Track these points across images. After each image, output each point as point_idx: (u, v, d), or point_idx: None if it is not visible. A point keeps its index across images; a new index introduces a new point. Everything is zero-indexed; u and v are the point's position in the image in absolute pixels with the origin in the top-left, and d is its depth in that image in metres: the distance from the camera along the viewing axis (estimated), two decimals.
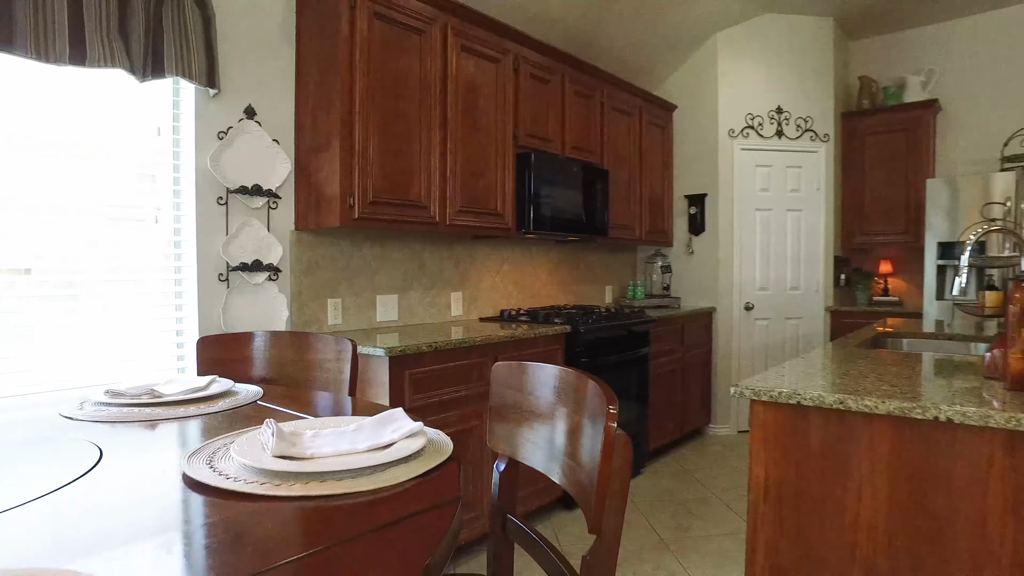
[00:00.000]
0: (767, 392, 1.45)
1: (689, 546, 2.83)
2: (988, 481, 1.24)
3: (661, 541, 2.88)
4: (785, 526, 1.47)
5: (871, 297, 4.94)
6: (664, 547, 2.82)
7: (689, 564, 2.65)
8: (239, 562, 0.68)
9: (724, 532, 2.98)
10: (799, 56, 4.80)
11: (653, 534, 2.94)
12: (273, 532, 0.75)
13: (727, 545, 2.83)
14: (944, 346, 2.67)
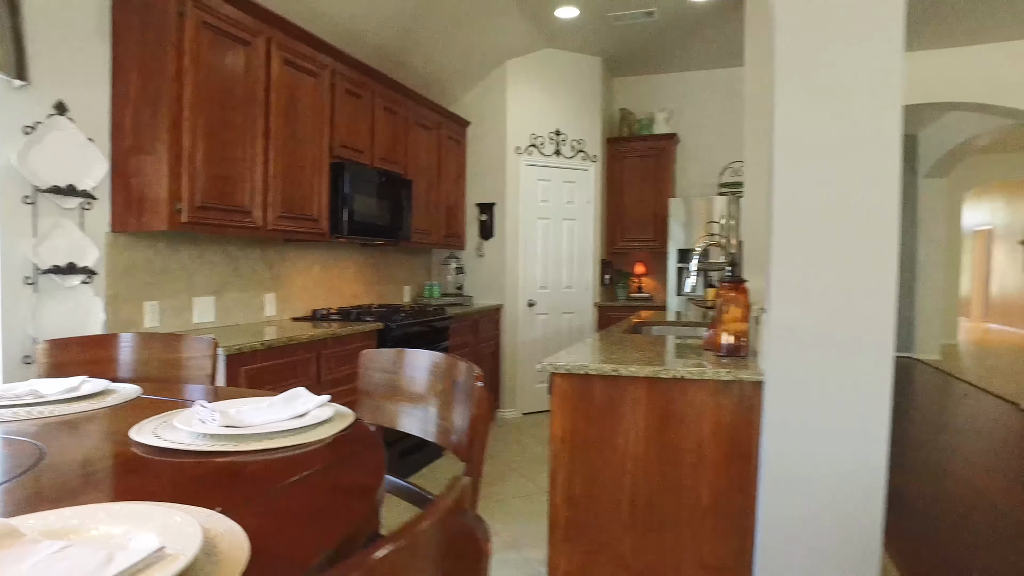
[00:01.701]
0: (564, 367, 1.95)
1: (489, 509, 3.31)
2: (704, 416, 1.85)
3: None
4: (576, 464, 1.98)
5: (629, 293, 5.91)
6: None
7: (494, 523, 3.13)
8: (241, 487, 0.94)
9: (518, 496, 3.51)
10: (574, 87, 5.59)
11: None
12: (257, 472, 1.01)
13: (520, 506, 3.36)
14: (680, 330, 3.48)
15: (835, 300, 1.74)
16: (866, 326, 1.72)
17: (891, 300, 1.70)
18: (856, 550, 1.75)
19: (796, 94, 1.77)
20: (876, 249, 1.72)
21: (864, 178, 1.71)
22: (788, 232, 1.77)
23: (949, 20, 4.99)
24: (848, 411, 1.74)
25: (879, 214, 1.71)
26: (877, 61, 1.71)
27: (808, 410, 1.76)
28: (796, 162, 1.77)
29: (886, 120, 1.69)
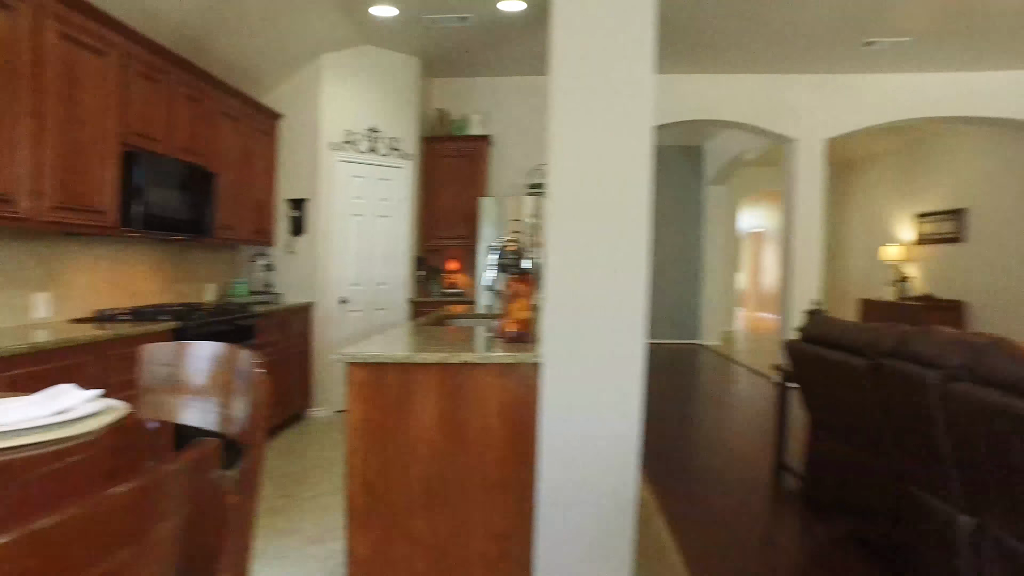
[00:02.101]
0: (359, 356, 2.02)
1: (297, 507, 3.28)
2: (490, 397, 2.03)
3: (272, 508, 3.25)
4: (372, 451, 2.06)
5: (442, 289, 6.08)
6: (275, 512, 3.21)
7: (300, 520, 3.11)
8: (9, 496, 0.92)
9: (326, 492, 3.50)
10: (392, 85, 5.63)
11: (263, 504, 3.29)
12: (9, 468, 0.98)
13: (329, 501, 3.36)
14: (483, 322, 3.69)
15: (597, 290, 1.99)
16: (622, 314, 1.99)
17: (643, 291, 1.99)
18: (616, 507, 2.02)
19: (568, 105, 2.01)
20: (631, 246, 2.00)
21: (621, 182, 1.99)
22: (560, 229, 2.00)
23: (728, 51, 5.73)
24: (609, 388, 2.00)
25: (633, 214, 1.99)
26: (632, 81, 1.99)
27: (577, 388, 2.00)
28: (566, 166, 2.00)
29: (639, 130, 1.98)
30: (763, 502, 3.43)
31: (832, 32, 5.33)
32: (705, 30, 5.29)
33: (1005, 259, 7.51)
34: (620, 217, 1.99)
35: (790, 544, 2.95)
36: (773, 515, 3.27)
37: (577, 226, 2.00)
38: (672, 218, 9.95)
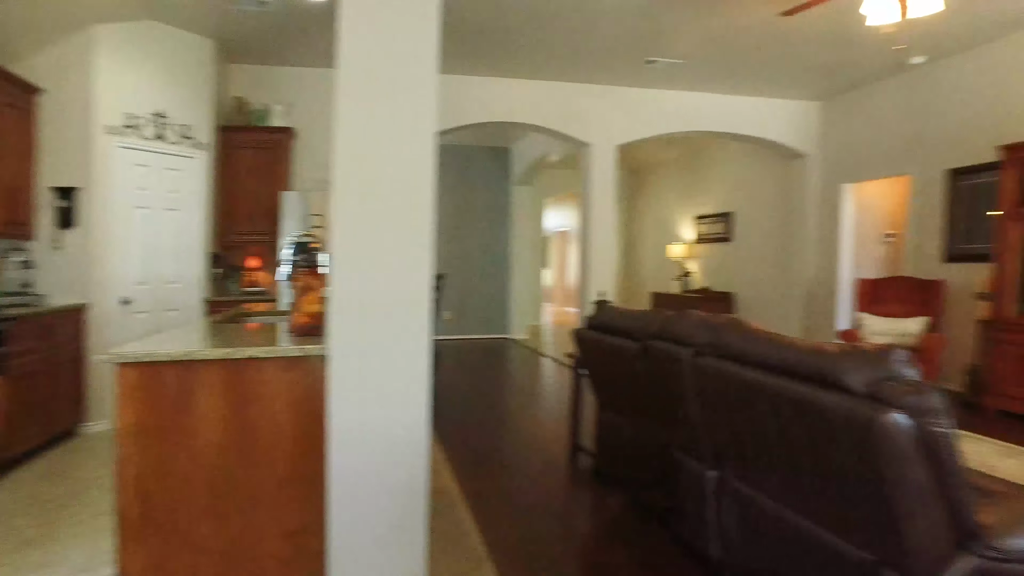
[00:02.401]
0: (130, 356, 1.86)
1: (61, 534, 2.90)
2: (279, 392, 1.97)
3: (25, 540, 2.83)
4: (148, 457, 1.91)
5: (242, 287, 5.74)
6: (28, 544, 2.79)
7: (64, 549, 2.75)
8: None
9: (98, 513, 3.13)
10: (182, 68, 5.18)
11: (15, 537, 2.87)
12: None
13: (103, 523, 3.02)
14: (286, 319, 3.55)
15: (382, 284, 2.02)
16: (407, 308, 2.04)
17: (427, 286, 2.06)
18: (409, 495, 2.06)
19: (352, 101, 2.01)
20: (415, 242, 2.05)
21: (405, 180, 2.04)
22: (345, 224, 2.00)
23: (530, 58, 6.02)
24: (396, 380, 2.04)
25: (417, 211, 2.05)
26: (417, 80, 2.04)
27: (365, 380, 2.02)
28: (350, 162, 2.01)
29: (423, 130, 2.05)
30: (560, 481, 3.68)
31: (619, 49, 5.83)
32: (509, 37, 5.53)
33: (761, 255, 8.72)
34: (404, 213, 2.04)
35: (583, 517, 3.20)
36: (569, 493, 3.52)
37: (361, 221, 2.01)
38: (481, 217, 10.25)
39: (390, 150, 2.01)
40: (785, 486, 1.92)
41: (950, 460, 1.47)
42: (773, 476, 1.96)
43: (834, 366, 1.59)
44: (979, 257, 5.75)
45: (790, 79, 6.75)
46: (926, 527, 1.53)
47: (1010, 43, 5.58)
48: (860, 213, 7.52)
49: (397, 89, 2.02)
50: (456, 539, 2.83)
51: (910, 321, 5.87)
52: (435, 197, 2.02)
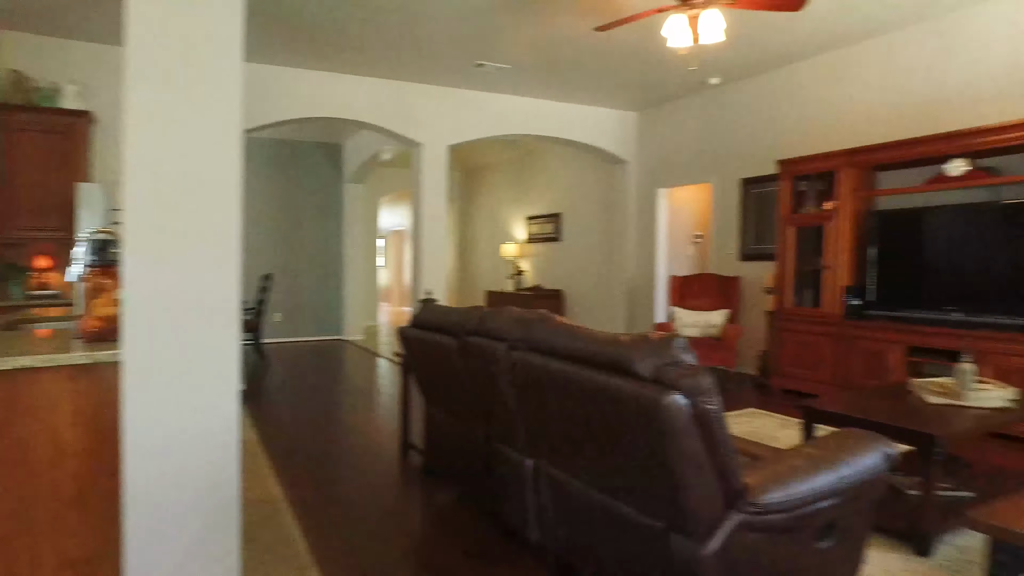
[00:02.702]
0: None
1: None
2: (61, 404, 1.79)
3: None
4: None
5: (28, 291, 5.08)
6: None
7: None
8: None
9: None
10: None
11: None
12: None
13: None
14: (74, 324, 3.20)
15: (183, 284, 1.91)
16: (212, 309, 1.94)
17: (234, 286, 1.97)
18: (219, 507, 1.96)
19: (146, 85, 1.87)
20: (219, 240, 1.95)
21: (206, 173, 1.93)
22: (138, 220, 1.86)
23: (362, 53, 5.89)
24: (201, 386, 1.93)
25: (221, 207, 1.95)
26: (219, 66, 1.94)
27: (165, 387, 1.89)
28: (144, 151, 1.87)
29: (226, 120, 1.95)
30: (391, 481, 3.66)
31: (449, 50, 5.91)
32: (340, 31, 5.39)
33: (588, 254, 9.25)
34: (206, 210, 1.93)
35: (413, 514, 3.21)
36: (400, 491, 3.52)
37: (156, 217, 1.88)
38: (313, 215, 9.89)
39: (188, 140, 1.89)
40: (590, 468, 2.08)
41: (719, 433, 1.68)
42: (579, 459, 2.11)
43: (625, 355, 1.75)
44: (767, 256, 6.53)
45: (609, 90, 7.23)
46: (702, 492, 1.73)
47: (781, 74, 6.42)
48: (673, 216, 8.24)
49: (196, 74, 1.90)
50: (280, 549, 2.73)
51: (714, 314, 6.53)
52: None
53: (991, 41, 4.84)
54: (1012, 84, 4.73)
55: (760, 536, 1.86)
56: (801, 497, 1.86)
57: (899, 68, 5.43)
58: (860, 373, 5.21)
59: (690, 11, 3.87)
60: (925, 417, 2.92)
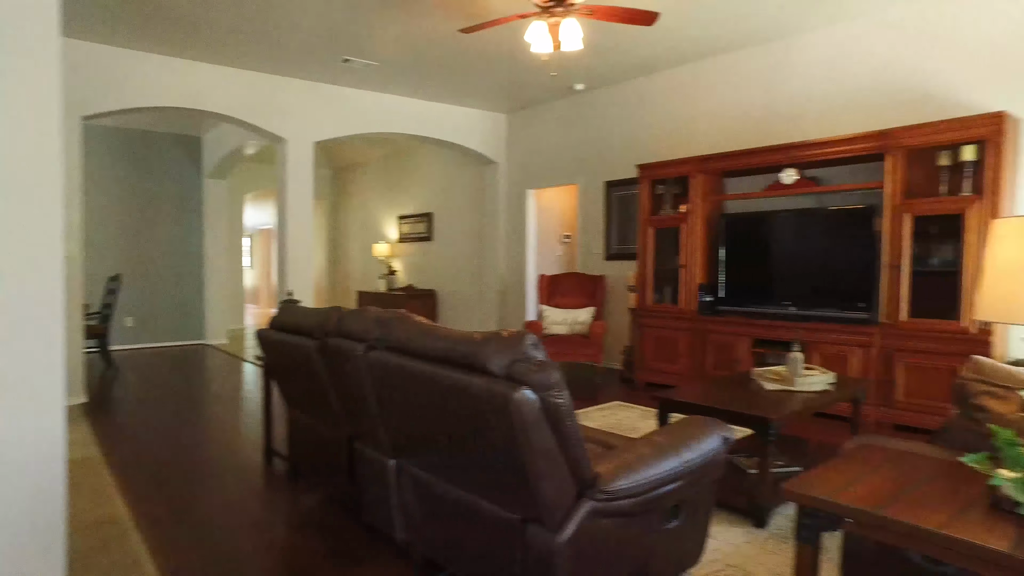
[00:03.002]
0: None
1: None
2: None
3: None
4: None
5: None
6: None
7: None
8: None
9: None
10: None
11: None
12: None
13: None
14: None
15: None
16: (28, 314, 1.77)
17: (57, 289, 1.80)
18: (40, 530, 1.79)
19: None
20: (38, 237, 1.78)
21: (20, 167, 1.76)
22: None
23: (222, 41, 5.55)
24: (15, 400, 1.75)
25: (39, 203, 1.78)
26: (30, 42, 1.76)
27: None
28: None
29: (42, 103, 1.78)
30: (254, 489, 3.50)
31: (316, 44, 5.72)
32: (194, 15, 5.05)
33: (460, 254, 9.30)
34: (17, 204, 1.76)
35: (278, 522, 3.08)
36: (263, 499, 3.37)
37: None
38: (169, 212, 9.22)
39: None
40: (450, 465, 2.10)
41: (569, 425, 1.75)
42: (440, 457, 2.13)
43: (479, 352, 1.79)
44: (630, 256, 6.87)
45: (479, 91, 7.31)
46: (555, 483, 1.80)
47: (641, 84, 6.79)
48: (543, 216, 8.46)
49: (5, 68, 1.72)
50: (127, 572, 2.54)
51: (582, 311, 6.77)
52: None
53: (815, 67, 5.39)
54: (831, 106, 5.29)
55: (612, 521, 1.96)
56: (648, 482, 1.99)
57: (741, 84, 5.91)
58: (713, 365, 5.62)
59: (550, 19, 3.99)
60: (762, 402, 3.19)
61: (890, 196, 4.60)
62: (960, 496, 1.55)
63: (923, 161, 4.59)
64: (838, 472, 1.75)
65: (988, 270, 1.75)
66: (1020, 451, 1.36)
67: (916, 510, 1.47)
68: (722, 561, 2.64)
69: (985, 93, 4.54)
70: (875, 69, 5.06)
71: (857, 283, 4.86)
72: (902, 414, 4.52)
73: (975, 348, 4.13)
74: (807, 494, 1.58)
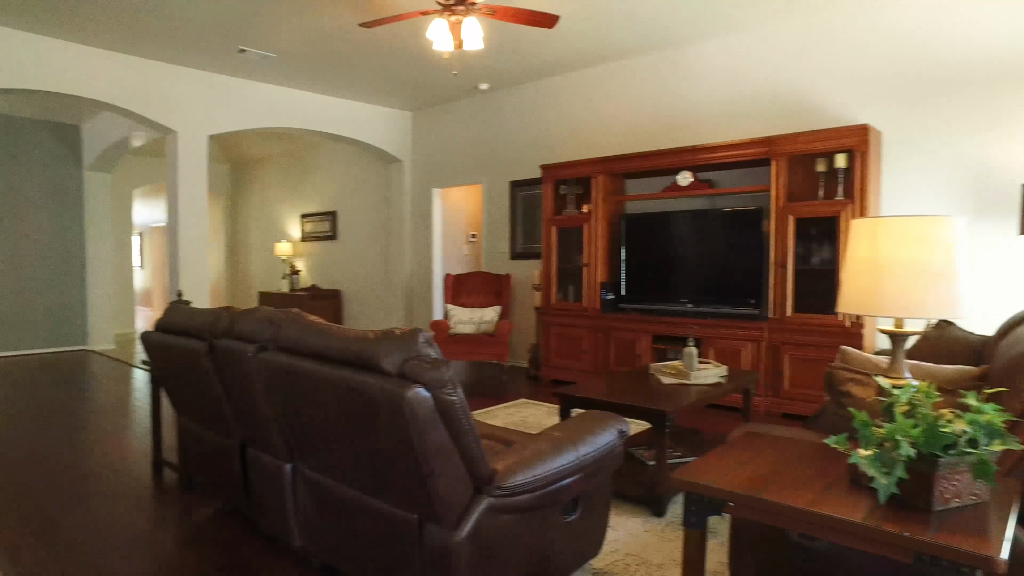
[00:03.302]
0: None
1: None
2: None
3: None
4: None
5: None
6: None
7: None
8: None
9: None
10: None
11: None
12: None
13: None
14: None
15: None
16: None
17: None
18: None
19: None
20: None
21: None
22: None
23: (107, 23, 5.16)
24: None
25: None
26: None
27: None
28: None
29: None
30: (142, 504, 3.28)
31: (208, 31, 5.44)
32: None
33: (365, 253, 9.13)
34: None
35: (168, 537, 2.91)
36: (153, 514, 3.17)
37: None
38: (43, 206, 8.50)
39: None
40: (347, 467, 2.05)
41: (463, 422, 1.75)
42: (336, 460, 2.07)
43: (372, 351, 1.75)
44: (535, 255, 6.96)
45: (383, 88, 7.19)
46: (451, 481, 1.80)
47: (544, 85, 6.90)
48: (449, 215, 8.43)
49: None
50: None
51: (488, 310, 6.79)
52: None
53: (710, 74, 5.65)
54: (725, 112, 5.57)
55: (511, 517, 1.98)
56: (546, 477, 2.02)
57: (642, 88, 6.11)
58: (616, 361, 5.78)
59: (452, 17, 3.98)
60: (659, 396, 3.31)
61: (775, 199, 4.88)
62: (827, 475, 1.67)
63: (804, 167, 4.91)
64: (722, 460, 1.83)
65: (848, 267, 1.89)
66: (873, 431, 1.47)
67: (789, 491, 1.56)
68: (622, 551, 2.71)
69: (853, 107, 4.92)
70: (762, 79, 5.37)
71: (748, 281, 5.13)
72: (789, 403, 4.81)
73: (849, 340, 4.46)
74: (693, 481, 1.65)
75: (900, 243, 1.76)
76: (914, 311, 1.73)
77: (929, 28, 4.61)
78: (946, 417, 1.45)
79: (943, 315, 1.75)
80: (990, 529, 1.37)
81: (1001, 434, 1.46)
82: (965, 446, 1.42)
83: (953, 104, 4.54)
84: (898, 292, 1.75)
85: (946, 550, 1.30)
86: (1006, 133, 4.35)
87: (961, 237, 1.78)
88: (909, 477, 1.44)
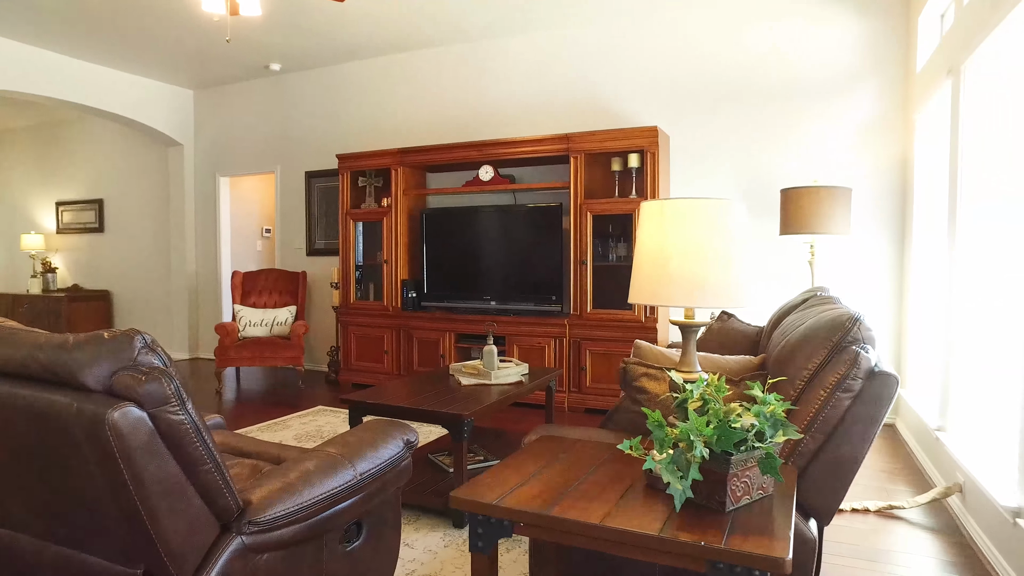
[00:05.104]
0: None
1: None
2: None
3: None
4: None
5: None
6: None
7: None
8: None
9: None
10: None
11: None
12: None
13: None
14: None
15: None
16: None
17: None
18: None
19: None
20: None
21: None
22: None
23: None
24: None
25: None
26: None
27: None
28: None
29: None
30: None
31: None
32: None
33: (141, 249, 7.98)
34: None
35: None
36: None
37: None
38: None
39: None
40: (42, 516, 1.56)
41: (197, 447, 1.38)
42: (27, 507, 1.58)
43: (68, 361, 1.32)
44: (335, 251, 6.49)
45: (157, 59, 6.29)
46: (183, 522, 1.41)
47: (342, 70, 6.47)
48: (241, 208, 7.64)
49: None
50: None
51: (282, 311, 6.21)
52: None
53: (515, 70, 5.62)
54: (528, 108, 5.57)
55: (272, 556, 1.63)
56: (314, 503, 1.70)
57: (445, 79, 5.93)
58: (419, 361, 5.52)
59: None
60: (457, 399, 3.11)
61: (574, 196, 4.94)
62: (623, 480, 1.54)
63: (601, 165, 5.03)
64: (513, 470, 1.65)
65: (638, 254, 1.81)
66: (667, 432, 1.36)
67: (581, 504, 1.41)
68: (419, 572, 2.47)
69: (644, 112, 5.15)
70: (564, 77, 5.43)
71: (550, 278, 5.15)
72: (591, 398, 4.88)
73: (644, 334, 4.62)
74: (475, 500, 1.43)
75: (685, 225, 1.70)
76: (699, 300, 1.68)
77: (712, 45, 4.94)
78: (736, 411, 1.38)
79: (726, 304, 1.72)
80: (776, 527, 1.31)
81: (784, 424, 1.42)
82: (754, 440, 1.36)
83: (729, 115, 4.90)
84: (684, 278, 1.68)
85: (739, 556, 1.20)
86: (771, 143, 4.78)
87: (742, 222, 1.77)
88: (703, 478, 1.35)
